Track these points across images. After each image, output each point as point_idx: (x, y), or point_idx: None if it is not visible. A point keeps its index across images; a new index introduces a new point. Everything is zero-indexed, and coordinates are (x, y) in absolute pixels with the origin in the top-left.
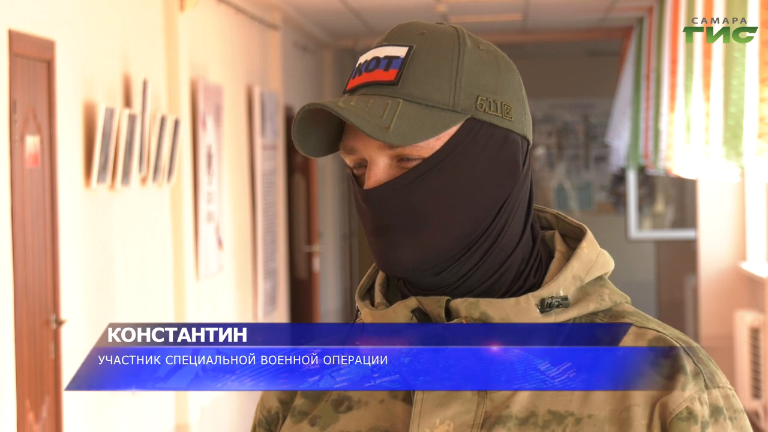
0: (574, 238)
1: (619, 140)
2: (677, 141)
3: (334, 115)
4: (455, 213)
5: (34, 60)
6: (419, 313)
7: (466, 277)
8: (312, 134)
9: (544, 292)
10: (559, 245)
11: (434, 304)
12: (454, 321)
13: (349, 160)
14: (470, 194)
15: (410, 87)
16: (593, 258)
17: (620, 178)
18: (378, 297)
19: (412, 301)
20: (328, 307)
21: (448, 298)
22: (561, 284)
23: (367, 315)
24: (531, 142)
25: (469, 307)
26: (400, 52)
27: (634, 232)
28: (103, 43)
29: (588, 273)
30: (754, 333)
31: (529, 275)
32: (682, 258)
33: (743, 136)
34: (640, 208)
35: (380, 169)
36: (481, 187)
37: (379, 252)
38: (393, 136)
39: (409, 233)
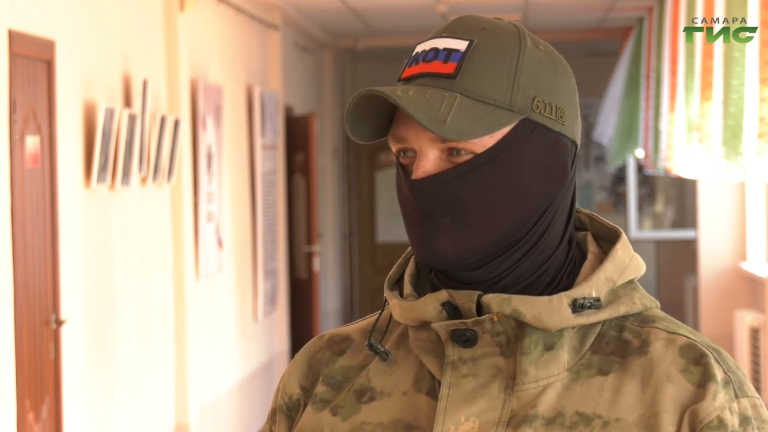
0: (607, 240)
1: (606, 138)
2: (677, 141)
3: (384, 103)
4: (501, 211)
5: (34, 60)
6: (449, 306)
7: (504, 275)
8: (362, 120)
9: (576, 292)
10: (592, 246)
11: (465, 298)
12: (485, 316)
13: (395, 148)
14: (517, 194)
15: (468, 82)
16: (626, 261)
17: (620, 178)
18: (407, 288)
19: (443, 294)
20: (328, 307)
21: (480, 293)
22: (594, 285)
23: (395, 306)
24: (579, 146)
25: (501, 303)
26: (461, 45)
27: (634, 232)
28: (103, 43)
29: (620, 276)
30: (754, 333)
31: (563, 277)
32: (682, 258)
33: (743, 136)
34: (640, 208)
35: (429, 161)
36: (529, 188)
37: (419, 242)
38: (449, 130)
39: (453, 226)
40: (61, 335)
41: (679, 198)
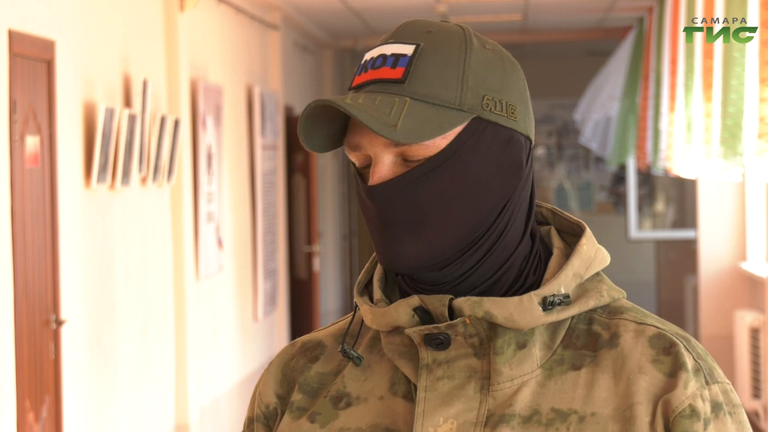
0: (571, 234)
1: (593, 144)
2: (677, 141)
3: (339, 112)
4: (459, 211)
5: (34, 60)
6: (421, 311)
7: (469, 274)
8: (317, 130)
9: (545, 290)
10: (557, 242)
11: (437, 303)
12: (457, 320)
13: (352, 157)
14: (474, 193)
15: (417, 85)
16: (592, 255)
17: (620, 178)
18: (377, 293)
19: (414, 300)
20: (328, 307)
21: (451, 296)
22: (562, 282)
23: (366, 312)
24: (533, 142)
25: (472, 306)
26: (407, 50)
27: (634, 232)
28: (103, 43)
29: (587, 270)
30: (754, 333)
31: (529, 273)
32: (682, 258)
33: (742, 136)
34: (640, 208)
35: (385, 166)
36: (485, 186)
37: (382, 248)
38: (400, 134)
39: (413, 230)
40: (61, 335)
41: (679, 198)
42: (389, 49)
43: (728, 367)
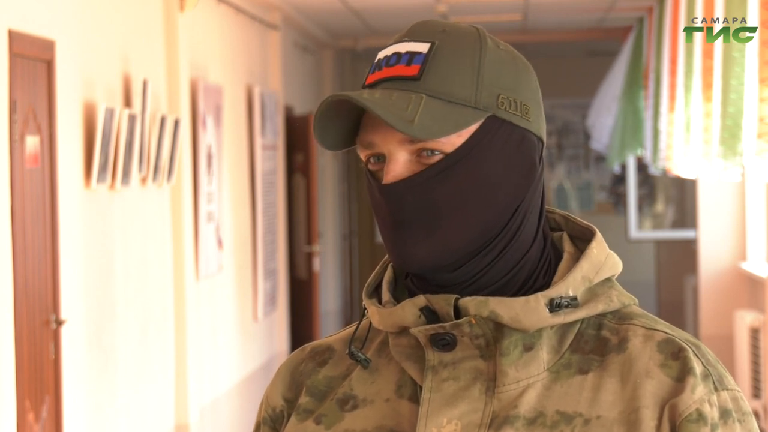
0: (582, 240)
1: (601, 145)
2: (677, 141)
3: (351, 110)
4: (473, 210)
5: (34, 60)
6: (427, 311)
7: (481, 275)
8: (329, 128)
9: (553, 291)
10: (568, 246)
11: (443, 302)
12: (463, 320)
13: (364, 155)
14: (489, 192)
15: (433, 83)
16: (602, 259)
17: (620, 178)
18: (386, 295)
19: (421, 299)
20: (328, 308)
21: (457, 296)
22: (570, 284)
23: (374, 314)
24: (545, 144)
25: (478, 306)
26: (422, 47)
27: (634, 232)
28: (103, 43)
29: (597, 274)
30: (754, 333)
31: (539, 276)
32: (682, 258)
33: (741, 136)
34: (640, 208)
35: (399, 164)
36: (500, 186)
37: (394, 247)
38: (417, 129)
39: (427, 229)
40: (61, 335)
41: (679, 198)
42: (403, 47)
43: (728, 367)
